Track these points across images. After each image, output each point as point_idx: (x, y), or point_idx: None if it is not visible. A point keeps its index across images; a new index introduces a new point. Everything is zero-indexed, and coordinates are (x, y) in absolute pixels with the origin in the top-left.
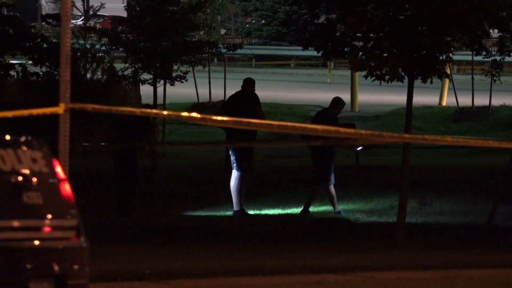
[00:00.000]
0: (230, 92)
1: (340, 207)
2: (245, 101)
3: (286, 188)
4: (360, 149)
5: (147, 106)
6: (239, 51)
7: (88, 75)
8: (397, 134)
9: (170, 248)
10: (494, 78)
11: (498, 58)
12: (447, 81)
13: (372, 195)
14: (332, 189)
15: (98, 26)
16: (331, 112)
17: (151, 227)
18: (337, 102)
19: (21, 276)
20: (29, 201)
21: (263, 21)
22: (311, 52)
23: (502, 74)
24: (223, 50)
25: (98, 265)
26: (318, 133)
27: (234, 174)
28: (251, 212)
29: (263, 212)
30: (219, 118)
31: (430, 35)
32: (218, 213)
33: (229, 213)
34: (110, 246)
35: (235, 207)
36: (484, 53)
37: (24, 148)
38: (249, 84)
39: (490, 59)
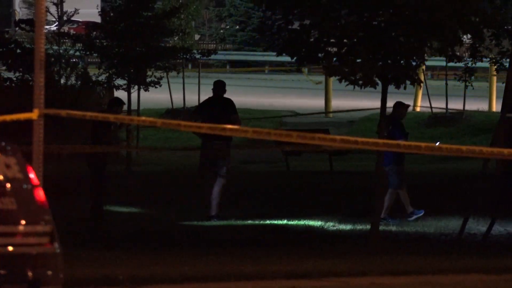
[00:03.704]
0: (204, 97)
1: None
2: (220, 107)
3: (261, 193)
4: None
5: (117, 100)
6: (213, 56)
7: (62, 81)
8: (372, 140)
9: (145, 254)
10: (467, 83)
11: (470, 63)
12: (421, 86)
13: (346, 200)
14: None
15: (72, 31)
16: (396, 117)
17: (125, 233)
18: (398, 106)
19: None
20: (2, 207)
21: (237, 27)
22: (285, 58)
23: (473, 80)
24: (197, 56)
25: (72, 271)
26: (292, 139)
27: (217, 180)
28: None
29: (239, 217)
30: (194, 123)
31: (404, 41)
32: (193, 218)
33: (204, 218)
34: (84, 252)
35: (214, 212)
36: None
37: None
38: (220, 87)
39: (462, 64)
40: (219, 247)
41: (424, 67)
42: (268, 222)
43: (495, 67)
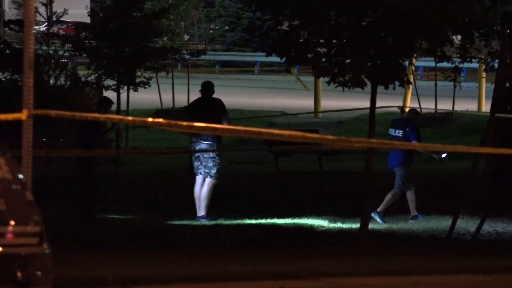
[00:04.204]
0: (194, 98)
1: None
2: (210, 107)
3: (251, 194)
4: (445, 156)
5: (106, 99)
6: (202, 57)
7: (52, 81)
8: (364, 139)
9: (133, 255)
10: (455, 83)
11: (459, 64)
12: (410, 87)
13: (336, 200)
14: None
15: (61, 32)
16: (412, 120)
17: (114, 234)
18: (416, 112)
19: None
20: None
21: (227, 27)
22: (275, 58)
23: (463, 80)
24: (187, 56)
25: (61, 272)
26: (284, 138)
27: (207, 180)
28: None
29: (228, 218)
30: (185, 123)
31: (393, 41)
32: (182, 219)
33: (194, 218)
34: (73, 252)
35: (203, 212)
36: (446, 59)
37: None
38: (209, 87)
39: (451, 64)
40: (208, 248)
41: (413, 67)
42: (257, 222)
43: (484, 67)
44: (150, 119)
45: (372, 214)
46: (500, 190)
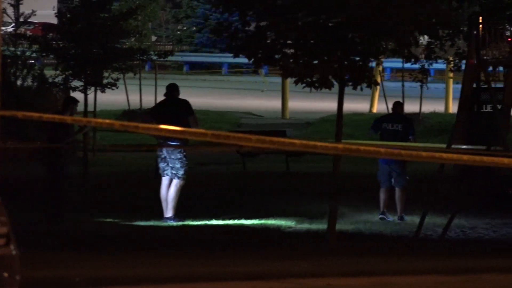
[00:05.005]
0: (161, 99)
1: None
2: (177, 108)
3: (218, 194)
4: None
5: (71, 99)
6: (170, 58)
7: (19, 82)
8: (331, 145)
9: (101, 256)
10: (421, 83)
11: (426, 64)
12: (378, 88)
13: (303, 202)
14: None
15: (28, 33)
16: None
17: (81, 235)
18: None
19: None
20: None
21: (194, 28)
22: (242, 59)
23: (431, 81)
24: (154, 57)
25: (28, 273)
26: (251, 142)
27: (175, 182)
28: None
29: (195, 219)
30: (152, 126)
31: (360, 42)
32: (149, 220)
33: (161, 219)
34: (40, 254)
35: (171, 213)
36: (413, 60)
37: None
38: (174, 89)
39: (419, 65)
40: (175, 249)
41: (381, 68)
42: (225, 223)
43: (451, 66)
44: (117, 122)
45: (399, 221)
46: (467, 191)
